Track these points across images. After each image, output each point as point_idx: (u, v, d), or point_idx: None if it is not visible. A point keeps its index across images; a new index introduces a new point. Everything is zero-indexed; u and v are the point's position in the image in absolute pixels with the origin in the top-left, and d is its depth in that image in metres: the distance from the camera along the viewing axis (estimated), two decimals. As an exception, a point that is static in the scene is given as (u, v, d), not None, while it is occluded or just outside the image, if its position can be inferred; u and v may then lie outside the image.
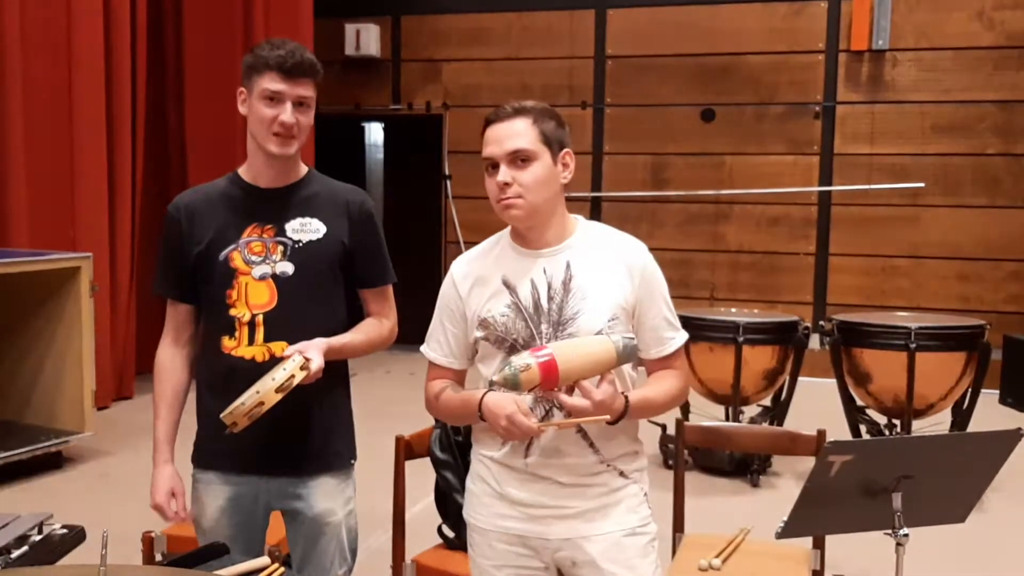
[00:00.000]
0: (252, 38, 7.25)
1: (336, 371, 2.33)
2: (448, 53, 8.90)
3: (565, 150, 2.04)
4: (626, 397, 1.96)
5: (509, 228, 2.12)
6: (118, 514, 4.31)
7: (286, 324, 2.24)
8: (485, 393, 2.01)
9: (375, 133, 9.81)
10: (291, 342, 2.19)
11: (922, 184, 7.84)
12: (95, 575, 1.36)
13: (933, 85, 7.80)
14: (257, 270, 2.26)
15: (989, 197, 7.76)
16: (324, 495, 2.33)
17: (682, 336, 2.11)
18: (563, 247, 2.06)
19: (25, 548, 2.13)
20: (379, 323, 2.39)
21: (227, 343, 2.26)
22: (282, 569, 1.86)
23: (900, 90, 7.87)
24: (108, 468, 5.32)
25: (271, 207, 2.29)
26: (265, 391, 2.05)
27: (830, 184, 8.07)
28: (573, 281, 2.02)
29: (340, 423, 2.40)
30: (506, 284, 2.05)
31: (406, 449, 2.92)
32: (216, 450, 2.31)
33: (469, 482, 2.18)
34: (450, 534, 3.03)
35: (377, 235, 2.39)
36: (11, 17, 5.72)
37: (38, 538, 2.19)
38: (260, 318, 2.24)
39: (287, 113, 2.21)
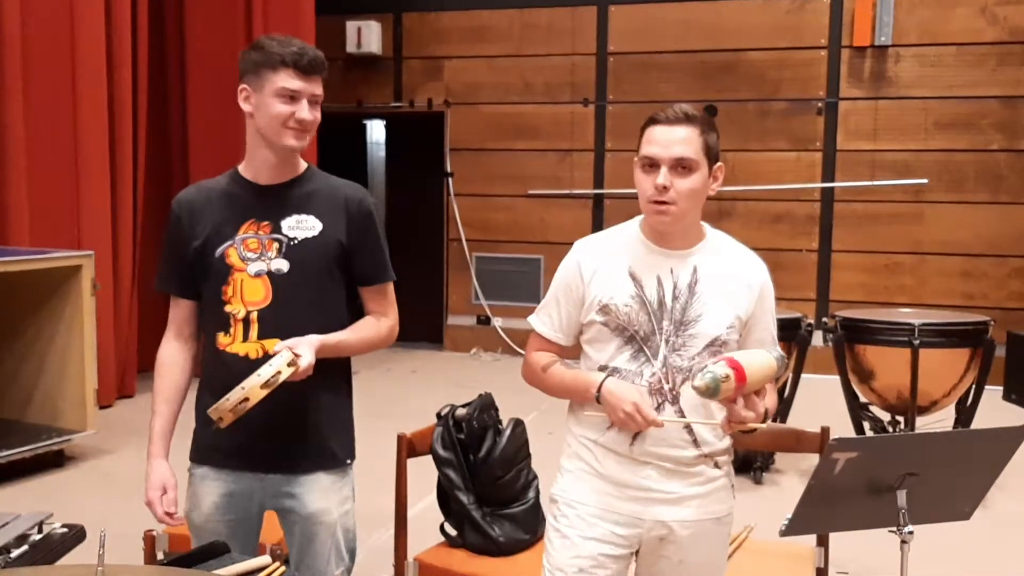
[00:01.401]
0: (254, 36, 7.22)
1: (337, 370, 2.33)
2: (450, 50, 8.88)
3: (718, 164, 2.11)
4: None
5: (639, 221, 2.18)
6: (120, 513, 4.30)
7: (280, 321, 2.23)
8: (606, 377, 2.08)
9: (377, 131, 9.80)
10: (285, 339, 2.19)
11: (925, 180, 7.82)
12: (93, 575, 1.35)
13: (936, 81, 7.77)
14: (252, 267, 2.25)
15: (992, 193, 7.74)
16: (318, 495, 2.31)
17: (779, 351, 2.19)
18: (692, 251, 2.13)
19: (25, 547, 2.13)
20: (377, 321, 2.38)
21: (222, 339, 2.26)
22: (283, 568, 1.86)
23: (903, 86, 7.85)
24: (110, 467, 5.32)
25: (268, 204, 2.29)
26: (250, 387, 2.05)
27: (833, 181, 8.06)
28: (699, 285, 2.10)
29: (338, 422, 2.38)
30: (632, 276, 2.11)
31: (408, 447, 2.90)
32: (212, 446, 2.31)
33: (565, 461, 2.23)
34: (452, 532, 3.02)
35: (376, 232, 2.37)
36: (12, 13, 5.71)
37: (38, 537, 2.19)
38: (254, 315, 2.24)
39: (305, 110, 2.22)
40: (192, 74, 7.45)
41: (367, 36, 8.83)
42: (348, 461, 2.39)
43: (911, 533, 2.16)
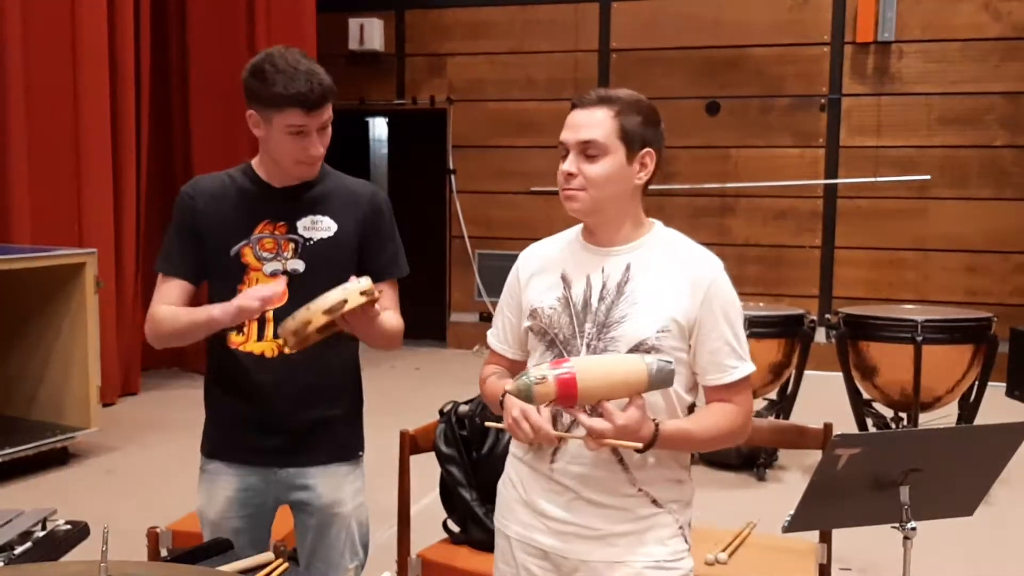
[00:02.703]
0: (255, 33, 7.23)
1: (347, 362, 2.34)
2: (452, 47, 8.88)
3: (646, 149, 1.91)
4: (657, 425, 1.81)
5: (583, 223, 2.04)
6: (123, 510, 4.32)
7: None
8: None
9: (379, 128, 9.80)
10: None
11: (928, 176, 7.81)
12: (97, 571, 1.36)
13: (939, 77, 7.76)
14: (268, 266, 2.26)
15: (996, 189, 7.73)
16: (332, 486, 2.33)
17: (746, 367, 1.95)
18: (628, 248, 1.95)
19: (28, 544, 2.13)
20: (396, 316, 2.34)
21: (235, 338, 2.26)
22: (286, 565, 1.86)
23: (906, 82, 7.84)
24: (113, 464, 5.33)
25: (283, 204, 2.28)
26: (315, 309, 1.95)
27: (836, 177, 8.04)
28: (628, 284, 1.91)
29: (349, 415, 2.40)
30: (563, 278, 1.98)
31: (411, 444, 2.91)
32: (225, 442, 2.32)
33: (500, 485, 2.09)
34: (455, 529, 3.03)
35: (388, 227, 2.37)
36: (12, 10, 5.71)
37: (41, 534, 2.19)
38: (270, 314, 2.24)
39: (315, 146, 2.20)
40: (194, 71, 7.45)
41: (369, 33, 8.83)
42: (360, 453, 2.41)
43: (914, 529, 2.17)
